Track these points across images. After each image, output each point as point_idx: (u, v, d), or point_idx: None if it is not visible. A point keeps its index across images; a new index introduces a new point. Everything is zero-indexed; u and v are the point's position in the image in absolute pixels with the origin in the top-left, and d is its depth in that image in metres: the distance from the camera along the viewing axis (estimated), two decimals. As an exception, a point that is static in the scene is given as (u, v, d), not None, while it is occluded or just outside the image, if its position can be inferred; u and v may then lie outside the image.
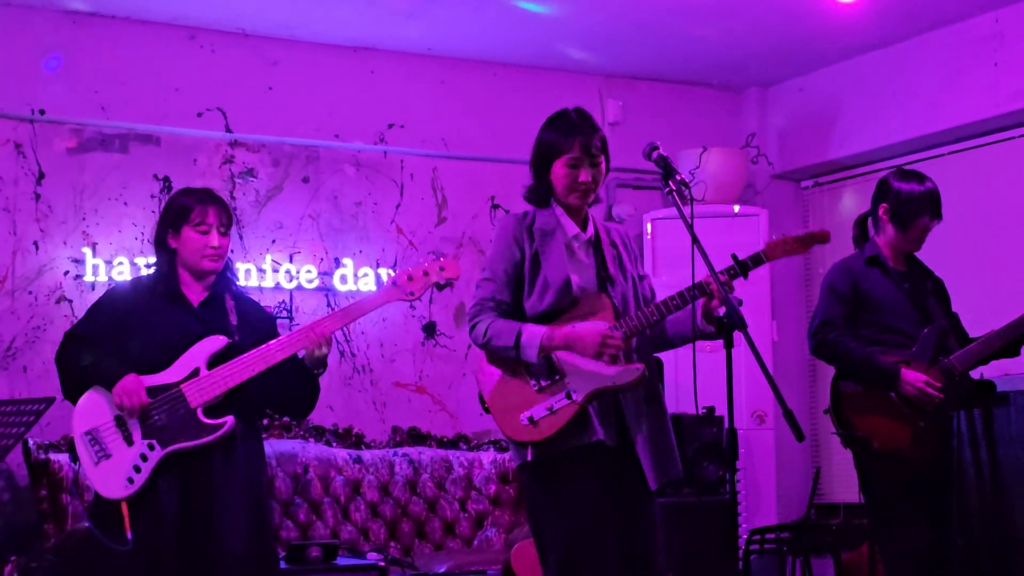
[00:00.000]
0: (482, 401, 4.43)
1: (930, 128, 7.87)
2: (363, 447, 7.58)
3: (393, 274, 4.89)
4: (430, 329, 8.04)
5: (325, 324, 4.71)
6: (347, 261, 7.81)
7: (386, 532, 7.30)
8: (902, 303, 5.48)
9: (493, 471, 7.63)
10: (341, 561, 6.28)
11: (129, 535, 4.54)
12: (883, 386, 5.34)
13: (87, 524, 4.57)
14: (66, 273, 7.17)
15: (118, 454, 4.56)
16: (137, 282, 4.92)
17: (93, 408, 4.62)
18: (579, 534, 4.24)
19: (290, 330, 7.54)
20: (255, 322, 4.85)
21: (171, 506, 4.53)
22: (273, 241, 7.70)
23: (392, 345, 7.93)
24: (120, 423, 4.58)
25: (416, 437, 7.78)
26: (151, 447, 4.54)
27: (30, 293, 7.08)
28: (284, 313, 7.59)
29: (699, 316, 4.37)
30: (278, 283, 7.60)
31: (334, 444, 7.52)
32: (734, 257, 4.42)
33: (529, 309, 4.39)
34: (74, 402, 4.67)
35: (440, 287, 4.79)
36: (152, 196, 7.39)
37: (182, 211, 4.74)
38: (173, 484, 4.55)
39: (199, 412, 4.57)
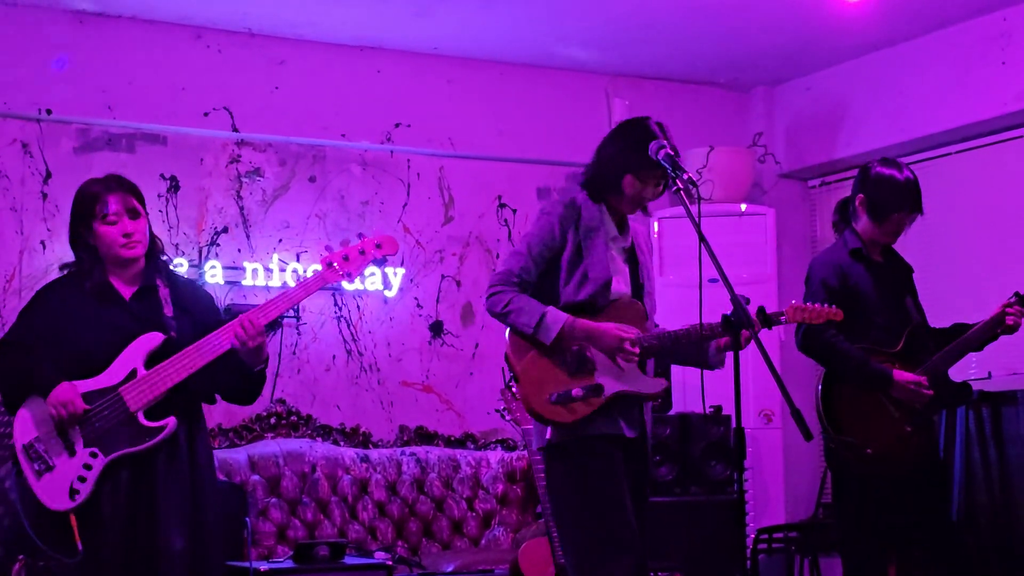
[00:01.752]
0: (511, 368, 4.40)
1: (938, 127, 7.85)
2: (370, 446, 7.59)
3: (329, 252, 4.66)
4: (437, 328, 8.04)
5: (254, 315, 4.44)
6: (354, 260, 7.80)
7: (393, 531, 7.30)
8: (884, 298, 5.45)
9: (500, 470, 7.63)
10: (348, 560, 6.28)
11: (80, 546, 4.37)
12: (876, 388, 5.31)
13: (31, 537, 4.45)
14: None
15: (61, 465, 4.39)
16: (63, 281, 4.66)
17: (32, 419, 4.43)
18: (606, 514, 4.27)
19: (297, 331, 7.60)
20: (193, 309, 4.62)
21: (117, 511, 4.40)
22: (280, 240, 7.70)
23: (399, 344, 7.93)
24: (61, 432, 4.40)
25: (423, 436, 7.78)
26: (93, 455, 4.38)
27: (37, 293, 7.08)
28: (291, 313, 7.59)
29: (711, 350, 4.50)
30: (285, 282, 7.60)
31: (341, 443, 7.52)
32: (761, 310, 4.48)
33: (564, 297, 4.42)
34: (12, 413, 4.48)
35: (379, 264, 4.73)
36: (159, 196, 7.39)
37: (85, 206, 4.57)
38: (117, 489, 4.41)
39: (139, 415, 4.40)
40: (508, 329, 4.43)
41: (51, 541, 4.47)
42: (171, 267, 4.80)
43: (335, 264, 4.61)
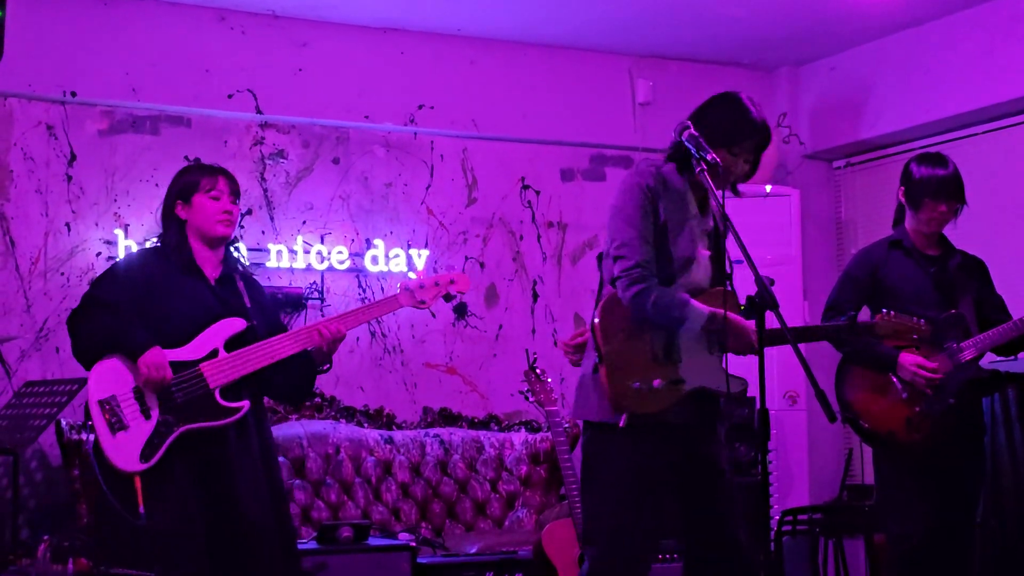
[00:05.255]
0: (598, 348, 4.31)
1: (963, 108, 7.81)
2: (394, 428, 7.60)
3: (413, 277, 5.01)
4: (461, 310, 8.04)
5: (339, 324, 4.76)
6: (378, 242, 7.81)
7: (417, 513, 7.31)
8: (924, 287, 5.47)
9: (524, 452, 7.63)
10: (372, 541, 6.29)
11: (141, 510, 4.50)
12: (883, 369, 5.42)
13: (107, 494, 4.53)
14: (98, 254, 7.19)
15: (135, 426, 4.53)
16: (147, 252, 4.90)
17: (112, 376, 4.58)
18: (633, 503, 4.29)
19: (322, 313, 7.61)
20: (266, 307, 4.92)
21: (188, 486, 4.55)
22: (304, 222, 7.71)
23: (423, 326, 7.94)
24: (139, 395, 4.56)
25: (447, 418, 7.79)
26: (168, 423, 4.53)
27: (62, 274, 7.11)
28: (315, 295, 7.60)
29: None
30: (309, 264, 7.61)
31: (365, 425, 7.54)
32: (852, 318, 4.52)
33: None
34: (88, 367, 4.62)
35: (448, 299, 4.97)
36: (183, 178, 7.40)
37: (192, 182, 4.81)
38: (190, 462, 4.56)
39: (216, 394, 4.59)
40: (599, 310, 4.29)
41: (119, 500, 4.57)
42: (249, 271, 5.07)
43: (411, 289, 4.90)
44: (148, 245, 4.95)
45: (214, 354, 4.63)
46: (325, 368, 4.85)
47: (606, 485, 4.33)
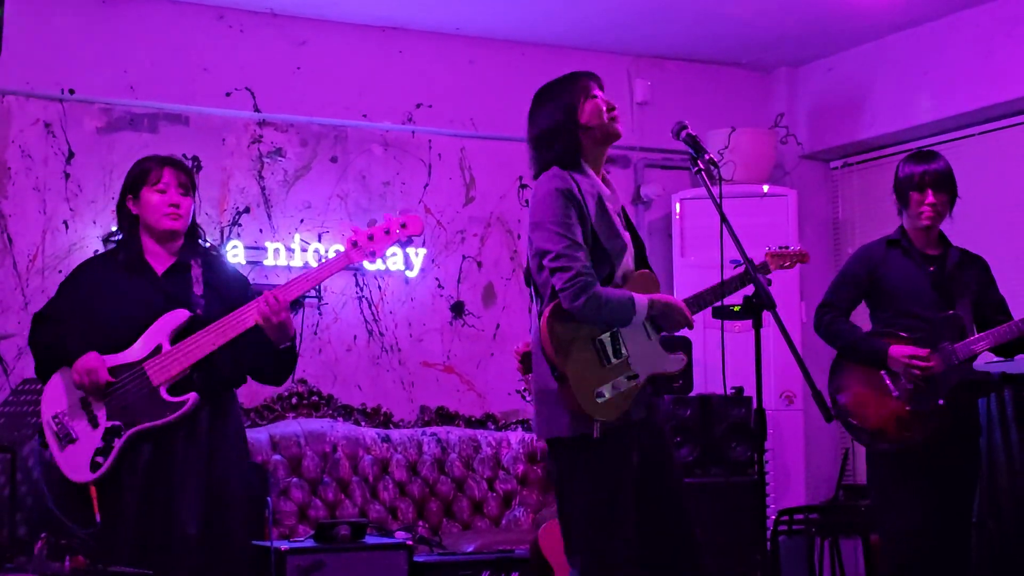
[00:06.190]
0: (557, 369, 4.30)
1: (961, 108, 7.81)
2: (391, 426, 7.61)
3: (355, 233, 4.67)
4: (458, 309, 8.05)
5: (279, 291, 4.52)
6: (375, 241, 7.80)
7: (414, 511, 7.32)
8: (923, 287, 5.46)
9: (521, 451, 7.64)
10: (369, 540, 6.29)
11: (98, 518, 4.46)
12: (874, 364, 5.41)
13: (51, 506, 4.52)
14: (96, 252, 7.19)
15: (84, 437, 4.49)
16: (91, 260, 4.84)
17: (58, 391, 4.55)
18: (622, 504, 4.28)
19: (318, 311, 7.62)
20: (223, 289, 4.70)
21: (132, 488, 4.47)
22: (301, 221, 7.72)
23: (420, 325, 7.94)
24: (85, 405, 4.50)
25: (444, 417, 7.80)
26: (116, 429, 4.47)
27: (60, 272, 7.11)
28: (312, 293, 7.61)
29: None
30: (307, 262, 7.62)
31: (362, 423, 7.54)
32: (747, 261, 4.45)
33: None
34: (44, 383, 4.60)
35: (403, 244, 4.74)
36: (181, 176, 7.40)
37: (140, 174, 4.68)
38: (136, 464, 4.49)
39: (162, 390, 4.47)
40: (544, 325, 4.22)
41: (71, 512, 4.54)
42: (213, 253, 4.87)
43: (359, 243, 4.63)
44: (108, 240, 4.85)
45: (158, 350, 4.51)
46: (284, 346, 4.58)
47: (587, 495, 4.28)
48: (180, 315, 4.54)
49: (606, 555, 4.25)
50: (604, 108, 4.43)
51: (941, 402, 5.32)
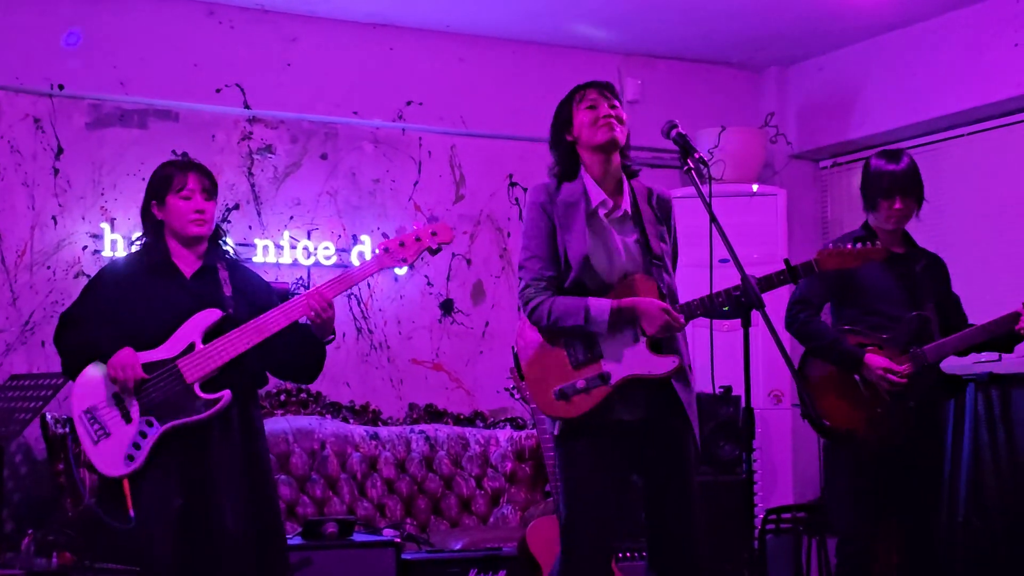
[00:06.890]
0: (518, 367, 4.44)
1: (950, 108, 7.83)
2: (380, 424, 7.61)
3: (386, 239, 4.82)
4: (447, 306, 8.05)
5: (324, 289, 4.65)
6: (365, 238, 7.81)
7: (402, 509, 7.32)
8: (890, 285, 5.45)
9: (509, 448, 7.64)
10: (357, 537, 6.29)
11: (132, 513, 4.51)
12: (847, 368, 5.37)
13: (91, 503, 4.55)
14: (84, 248, 7.19)
15: (117, 432, 4.54)
16: (130, 257, 4.89)
17: (90, 386, 4.59)
18: (587, 503, 4.34)
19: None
20: (250, 292, 4.81)
21: (169, 484, 4.52)
22: (291, 217, 7.71)
23: (409, 322, 7.94)
24: (118, 400, 4.55)
25: (433, 414, 7.80)
26: (149, 424, 4.52)
27: (48, 268, 7.10)
28: (302, 290, 7.60)
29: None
30: (296, 259, 7.61)
31: (351, 421, 7.54)
32: (787, 263, 4.43)
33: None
34: (74, 380, 4.65)
35: (433, 252, 4.78)
36: (170, 172, 7.39)
37: (164, 180, 4.76)
38: (171, 461, 4.54)
39: (196, 387, 4.55)
40: (520, 327, 4.43)
41: (107, 508, 4.57)
42: (235, 257, 4.99)
43: (391, 249, 4.73)
44: (134, 243, 4.91)
45: (191, 348, 4.59)
46: (329, 339, 4.75)
47: (567, 490, 4.39)
48: (213, 314, 4.63)
49: (574, 547, 4.36)
50: (589, 119, 4.47)
51: (912, 404, 5.32)
